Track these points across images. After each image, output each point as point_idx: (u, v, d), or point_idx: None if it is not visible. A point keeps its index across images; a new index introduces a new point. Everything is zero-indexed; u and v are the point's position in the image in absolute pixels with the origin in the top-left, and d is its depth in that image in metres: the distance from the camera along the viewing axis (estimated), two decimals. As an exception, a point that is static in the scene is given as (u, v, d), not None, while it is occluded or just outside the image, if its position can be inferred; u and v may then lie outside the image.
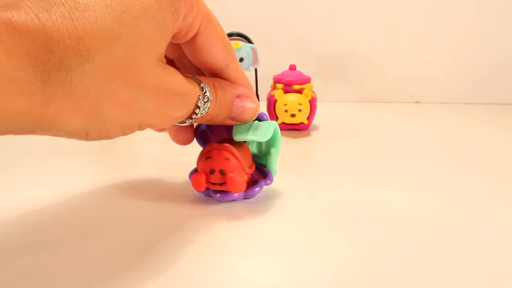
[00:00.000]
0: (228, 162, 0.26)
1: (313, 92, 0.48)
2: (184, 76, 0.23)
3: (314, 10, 0.66)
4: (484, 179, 0.33)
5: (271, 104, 0.48)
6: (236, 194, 0.28)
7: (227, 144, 0.27)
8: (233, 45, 0.45)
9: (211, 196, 0.28)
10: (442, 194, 0.30)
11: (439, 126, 0.54)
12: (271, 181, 0.29)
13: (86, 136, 0.19)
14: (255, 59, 0.47)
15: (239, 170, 0.26)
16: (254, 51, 0.47)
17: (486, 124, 0.55)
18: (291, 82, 0.47)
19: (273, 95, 0.47)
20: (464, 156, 0.40)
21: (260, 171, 0.30)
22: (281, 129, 0.44)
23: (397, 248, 0.23)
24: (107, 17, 0.18)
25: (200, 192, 0.28)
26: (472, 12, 0.66)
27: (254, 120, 0.28)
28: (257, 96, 0.51)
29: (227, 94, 0.26)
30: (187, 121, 0.24)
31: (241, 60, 0.46)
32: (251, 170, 0.28)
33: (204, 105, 0.24)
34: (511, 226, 0.25)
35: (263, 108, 0.48)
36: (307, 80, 0.48)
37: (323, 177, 0.34)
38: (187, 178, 0.32)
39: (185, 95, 0.22)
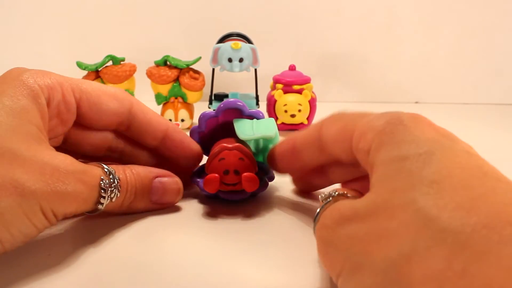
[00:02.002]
0: (242, 162, 0.26)
1: (313, 92, 0.48)
2: (81, 160, 0.23)
3: (314, 10, 0.66)
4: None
5: (271, 104, 0.48)
6: (243, 193, 0.27)
7: (238, 144, 0.26)
8: (233, 46, 0.45)
9: (216, 197, 0.28)
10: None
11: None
12: (273, 177, 0.29)
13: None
14: (255, 60, 0.47)
15: (251, 169, 0.26)
16: (254, 51, 0.46)
17: (486, 124, 0.55)
18: (291, 82, 0.47)
19: (273, 96, 0.47)
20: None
21: (259, 168, 0.30)
22: (280, 130, 0.44)
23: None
24: None
25: (207, 193, 0.28)
26: (472, 12, 0.66)
27: (253, 119, 0.29)
28: (257, 96, 0.51)
29: (142, 176, 0.25)
30: (100, 206, 0.23)
31: (241, 60, 0.46)
32: (256, 168, 0.28)
33: (110, 187, 0.23)
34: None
35: (263, 108, 0.48)
36: (307, 81, 0.48)
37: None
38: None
39: (78, 173, 0.21)
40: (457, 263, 0.12)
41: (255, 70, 0.49)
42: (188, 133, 0.30)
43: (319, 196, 0.20)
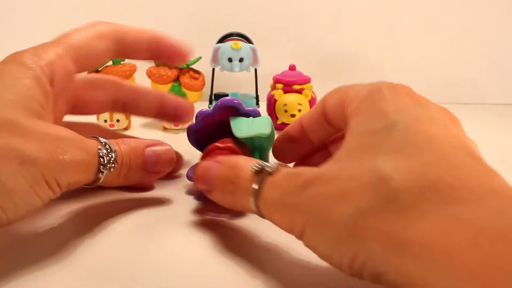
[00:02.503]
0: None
1: (313, 92, 0.48)
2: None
3: (314, 10, 0.66)
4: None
5: (271, 104, 0.48)
6: None
7: (231, 145, 0.27)
8: (233, 45, 0.45)
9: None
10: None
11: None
12: None
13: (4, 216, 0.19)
14: (255, 59, 0.47)
15: None
16: (254, 51, 0.46)
17: (486, 124, 0.55)
18: (291, 82, 0.47)
19: (273, 95, 0.47)
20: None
21: None
22: (280, 129, 0.44)
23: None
24: None
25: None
26: (472, 12, 0.66)
27: (249, 117, 0.29)
28: (257, 96, 0.51)
29: (133, 146, 0.26)
30: (100, 175, 0.23)
31: (241, 60, 0.46)
32: None
33: (108, 155, 0.23)
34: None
35: (263, 108, 0.48)
36: (307, 80, 0.48)
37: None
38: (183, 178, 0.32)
39: (78, 141, 0.22)
40: (403, 220, 0.15)
41: (255, 70, 0.49)
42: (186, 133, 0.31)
43: (250, 169, 0.21)
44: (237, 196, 0.21)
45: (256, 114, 0.29)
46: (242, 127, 0.28)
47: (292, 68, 0.49)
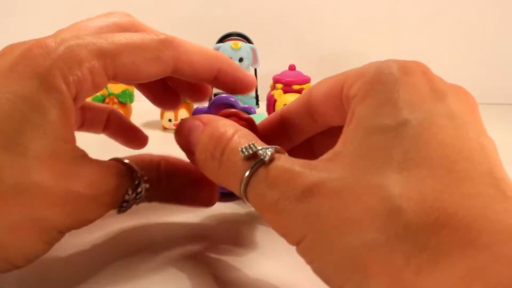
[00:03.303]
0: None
1: (312, 92, 0.48)
2: (109, 165, 0.20)
3: (314, 10, 0.66)
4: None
5: (271, 104, 0.48)
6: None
7: (249, 118, 0.24)
8: (233, 45, 0.45)
9: None
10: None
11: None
12: None
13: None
14: (255, 59, 0.47)
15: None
16: (253, 51, 0.46)
17: (486, 124, 0.55)
18: (290, 82, 0.47)
19: (273, 95, 0.47)
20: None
21: None
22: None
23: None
24: None
25: None
26: (472, 12, 0.66)
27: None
28: (257, 96, 0.51)
29: (176, 180, 0.23)
30: (117, 211, 0.22)
31: (241, 60, 0.46)
32: None
33: (134, 197, 0.21)
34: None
35: (262, 108, 0.48)
36: (306, 80, 0.48)
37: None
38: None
39: (101, 197, 0.19)
40: (414, 263, 0.13)
41: (255, 70, 0.49)
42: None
43: (240, 153, 0.18)
44: (221, 174, 0.19)
45: (251, 112, 0.29)
46: None
47: (291, 68, 0.49)
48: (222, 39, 0.48)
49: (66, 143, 0.19)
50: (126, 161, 0.21)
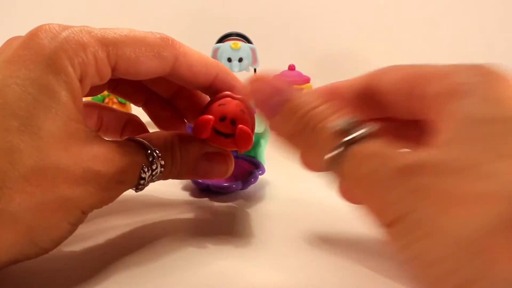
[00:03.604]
0: (243, 114, 0.24)
1: (312, 92, 0.48)
2: (123, 144, 0.21)
3: (314, 10, 0.66)
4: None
5: (271, 104, 0.48)
6: (234, 185, 0.28)
7: (244, 97, 0.24)
8: (232, 45, 0.45)
9: (208, 190, 0.28)
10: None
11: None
12: (263, 171, 0.30)
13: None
14: (255, 59, 0.47)
15: (249, 126, 0.24)
16: (253, 51, 0.46)
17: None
18: (290, 82, 0.47)
19: (273, 95, 0.47)
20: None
21: (249, 162, 0.31)
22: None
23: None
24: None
25: (197, 186, 0.28)
26: (472, 12, 0.66)
27: None
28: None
29: (190, 154, 0.23)
30: (135, 190, 0.22)
31: (240, 60, 0.46)
32: (254, 131, 0.26)
33: (151, 174, 0.21)
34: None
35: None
36: (306, 80, 0.48)
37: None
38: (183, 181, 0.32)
39: (118, 175, 0.20)
40: None
41: (255, 70, 0.49)
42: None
43: (329, 127, 0.17)
44: (305, 147, 0.18)
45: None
46: None
47: (291, 68, 0.49)
48: (221, 39, 0.48)
49: (78, 123, 0.19)
50: (139, 139, 0.22)
